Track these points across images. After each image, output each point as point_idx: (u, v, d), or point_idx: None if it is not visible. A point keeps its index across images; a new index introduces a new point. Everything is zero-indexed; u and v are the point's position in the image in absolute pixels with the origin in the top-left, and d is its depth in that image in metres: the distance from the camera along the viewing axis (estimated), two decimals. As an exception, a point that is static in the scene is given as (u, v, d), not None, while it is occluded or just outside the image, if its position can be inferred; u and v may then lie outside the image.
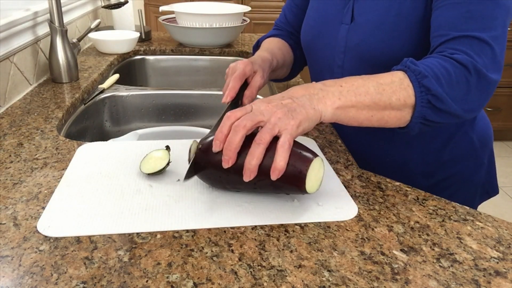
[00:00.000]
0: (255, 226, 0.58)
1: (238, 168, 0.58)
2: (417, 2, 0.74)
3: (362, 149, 0.88)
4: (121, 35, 1.48)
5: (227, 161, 0.58)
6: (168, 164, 0.70)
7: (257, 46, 1.04)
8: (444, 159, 0.86)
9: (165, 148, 0.73)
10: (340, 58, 0.84)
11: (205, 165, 0.62)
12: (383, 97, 0.63)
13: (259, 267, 0.51)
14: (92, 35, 1.41)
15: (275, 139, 0.58)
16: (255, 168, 0.57)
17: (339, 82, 0.64)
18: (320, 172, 0.61)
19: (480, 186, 0.93)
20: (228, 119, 0.59)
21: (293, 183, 0.59)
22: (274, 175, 0.56)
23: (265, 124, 0.58)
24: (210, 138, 0.63)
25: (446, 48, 0.67)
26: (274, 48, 0.95)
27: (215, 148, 0.59)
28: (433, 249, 0.56)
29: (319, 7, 0.90)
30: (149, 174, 0.69)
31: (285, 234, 0.57)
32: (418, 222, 0.61)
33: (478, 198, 0.94)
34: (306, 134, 0.86)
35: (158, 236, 0.56)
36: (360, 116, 0.64)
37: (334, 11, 0.86)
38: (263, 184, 0.60)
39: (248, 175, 0.57)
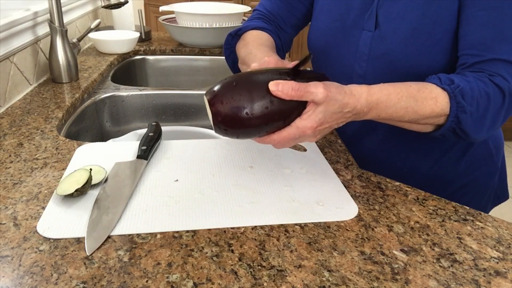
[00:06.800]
0: (255, 226, 0.58)
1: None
2: (451, 9, 0.70)
3: (380, 157, 0.86)
4: (121, 35, 1.48)
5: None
6: (83, 188, 0.62)
7: (235, 35, 0.88)
8: (462, 167, 0.85)
9: (88, 169, 0.66)
10: (362, 67, 0.79)
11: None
12: (416, 125, 0.67)
13: (259, 267, 0.51)
14: (92, 35, 1.41)
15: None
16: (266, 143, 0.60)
17: (377, 111, 0.63)
18: None
19: (493, 192, 0.91)
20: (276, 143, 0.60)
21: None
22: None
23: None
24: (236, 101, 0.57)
25: (481, 69, 0.67)
26: (269, 48, 0.81)
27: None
28: (433, 249, 0.56)
29: (331, 10, 0.83)
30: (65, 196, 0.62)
31: (285, 234, 0.57)
32: (418, 222, 0.61)
33: (490, 204, 0.93)
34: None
35: (158, 236, 0.56)
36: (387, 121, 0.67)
37: (352, 16, 0.79)
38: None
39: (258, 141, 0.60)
